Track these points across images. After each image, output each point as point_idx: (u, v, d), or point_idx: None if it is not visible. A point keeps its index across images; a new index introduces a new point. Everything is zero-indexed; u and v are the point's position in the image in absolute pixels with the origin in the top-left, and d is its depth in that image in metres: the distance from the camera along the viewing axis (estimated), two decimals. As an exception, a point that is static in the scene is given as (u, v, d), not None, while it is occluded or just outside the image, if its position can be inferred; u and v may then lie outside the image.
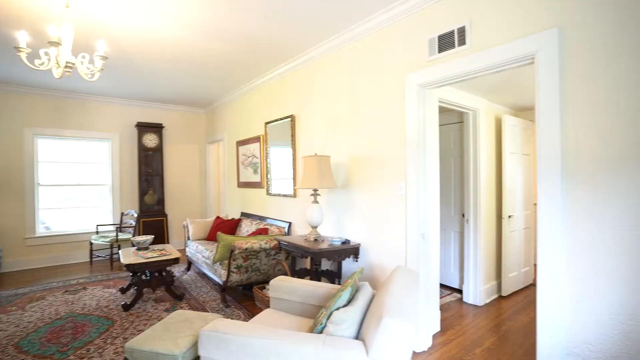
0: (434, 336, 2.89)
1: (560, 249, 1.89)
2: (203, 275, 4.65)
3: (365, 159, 3.18)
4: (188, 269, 4.85)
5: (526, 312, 3.42)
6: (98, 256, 5.56)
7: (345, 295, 1.75)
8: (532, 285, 4.20)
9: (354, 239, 3.28)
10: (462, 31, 2.35)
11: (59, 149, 5.62)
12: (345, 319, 1.63)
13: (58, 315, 3.35)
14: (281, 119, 4.28)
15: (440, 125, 3.87)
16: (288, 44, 3.56)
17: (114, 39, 3.36)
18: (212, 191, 6.76)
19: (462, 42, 2.35)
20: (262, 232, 4.03)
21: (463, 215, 3.89)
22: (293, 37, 3.36)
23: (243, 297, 3.82)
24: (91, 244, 5.43)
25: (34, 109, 5.31)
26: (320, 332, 1.69)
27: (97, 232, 5.68)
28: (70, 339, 2.84)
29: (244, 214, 5.24)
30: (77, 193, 5.79)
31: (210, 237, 4.76)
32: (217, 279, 3.76)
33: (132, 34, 3.28)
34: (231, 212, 5.83)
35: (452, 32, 2.42)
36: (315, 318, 1.81)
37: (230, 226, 4.73)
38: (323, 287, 2.31)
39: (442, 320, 3.15)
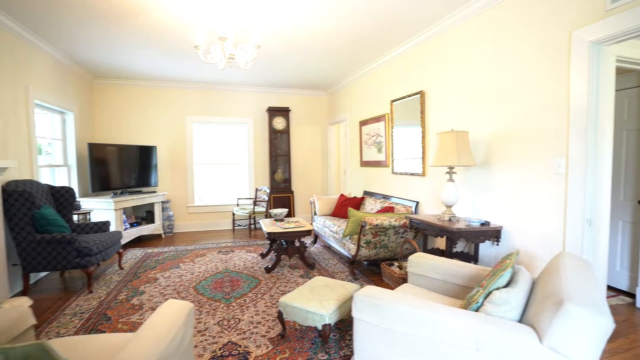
0: (598, 339, 2.47)
1: None
2: (328, 248, 4.96)
3: (509, 133, 2.84)
4: (314, 241, 5.24)
5: None
6: (239, 225, 6.48)
7: (506, 276, 1.62)
8: None
9: (492, 221, 3.01)
10: (669, -37, 1.84)
11: (207, 133, 6.66)
12: (508, 300, 1.51)
13: (217, 269, 4.03)
14: (408, 96, 4.15)
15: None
16: (417, 17, 3.37)
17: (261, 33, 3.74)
18: (332, 170, 7.09)
19: (668, -23, 1.84)
20: (388, 210, 4.05)
21: (639, 202, 3.16)
22: (424, 8, 3.17)
23: (369, 272, 3.94)
24: (233, 214, 6.35)
25: (190, 100, 6.39)
26: (476, 311, 1.62)
27: (237, 205, 6.59)
28: (229, 289, 3.40)
29: (366, 193, 5.35)
30: (222, 170, 6.81)
31: (335, 213, 5.01)
32: (345, 253, 3.96)
33: (275, 26, 3.58)
34: (353, 191, 6.02)
35: (651, -33, 1.91)
36: (468, 296, 1.74)
37: (355, 204, 4.89)
38: (468, 267, 2.20)
39: (608, 324, 2.67)
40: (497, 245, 2.92)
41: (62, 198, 3.84)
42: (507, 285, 1.65)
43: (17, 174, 3.52)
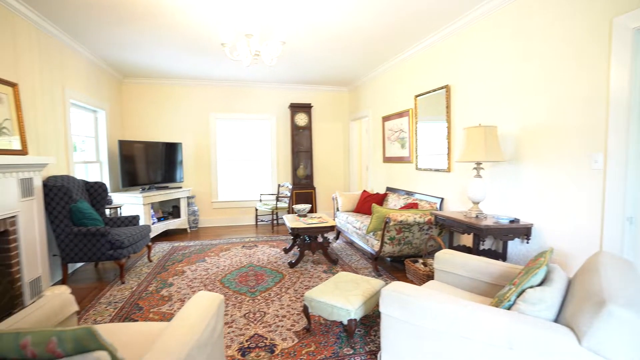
0: None
1: None
2: (351, 244, 4.96)
3: (540, 127, 2.74)
4: (337, 237, 5.24)
5: None
6: (262, 220, 6.57)
7: (540, 274, 1.57)
8: None
9: (522, 218, 2.91)
10: None
11: (230, 129, 6.76)
12: (543, 299, 1.46)
13: (242, 264, 4.11)
14: (433, 91, 4.06)
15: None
16: (443, 9, 3.28)
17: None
18: (354, 166, 7.06)
19: None
20: (412, 206, 3.99)
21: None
22: (450, 1, 3.09)
23: (392, 268, 3.91)
24: (256, 210, 6.44)
25: (214, 97, 6.50)
26: (508, 310, 1.57)
27: (260, 200, 6.68)
28: (254, 283, 3.46)
29: (389, 189, 5.29)
30: (245, 166, 6.91)
31: (358, 209, 4.99)
32: (368, 249, 3.94)
33: (299, 23, 3.58)
34: (375, 187, 5.98)
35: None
36: (499, 294, 1.70)
37: (378, 200, 4.86)
38: (497, 264, 2.14)
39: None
40: (527, 243, 2.83)
41: (96, 193, 4.02)
42: (541, 283, 1.60)
43: (56, 170, 3.70)
